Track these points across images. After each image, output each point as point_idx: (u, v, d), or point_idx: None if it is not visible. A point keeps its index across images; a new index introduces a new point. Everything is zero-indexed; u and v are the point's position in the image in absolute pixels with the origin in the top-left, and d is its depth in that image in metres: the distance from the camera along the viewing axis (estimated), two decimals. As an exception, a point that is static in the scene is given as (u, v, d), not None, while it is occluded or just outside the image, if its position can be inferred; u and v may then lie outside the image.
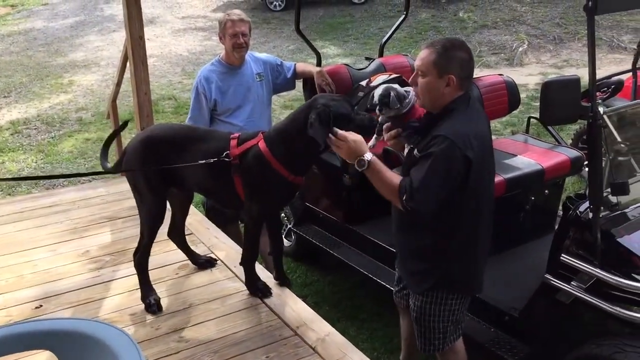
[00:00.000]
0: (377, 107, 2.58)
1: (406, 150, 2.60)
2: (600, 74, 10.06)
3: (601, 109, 2.78)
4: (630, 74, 5.35)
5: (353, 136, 2.42)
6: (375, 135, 2.75)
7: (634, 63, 5.20)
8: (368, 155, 2.39)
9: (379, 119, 2.70)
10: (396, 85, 2.60)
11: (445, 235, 2.50)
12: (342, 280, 4.52)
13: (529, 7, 12.83)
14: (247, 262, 3.15)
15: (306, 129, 2.56)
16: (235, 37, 3.81)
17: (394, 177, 2.39)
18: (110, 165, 3.28)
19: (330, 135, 2.48)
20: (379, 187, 2.42)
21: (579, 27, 11.87)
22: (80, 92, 9.82)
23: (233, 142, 2.87)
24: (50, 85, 10.26)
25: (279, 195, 2.86)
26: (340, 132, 2.46)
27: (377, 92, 2.58)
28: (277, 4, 15.36)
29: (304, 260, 4.80)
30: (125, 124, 3.32)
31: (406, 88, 2.62)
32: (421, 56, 2.42)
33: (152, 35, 13.68)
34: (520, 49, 11.05)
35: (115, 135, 3.37)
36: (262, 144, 2.78)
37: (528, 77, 9.79)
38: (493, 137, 3.44)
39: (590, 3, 2.48)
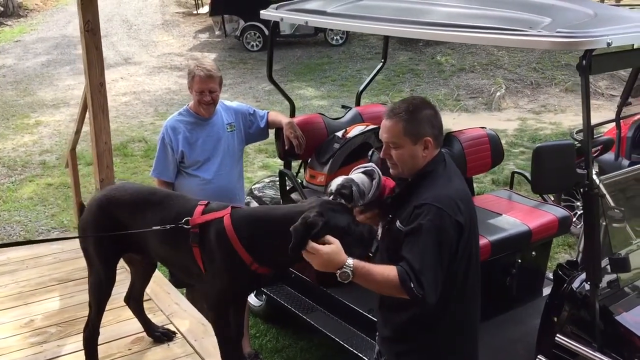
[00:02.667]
0: (332, 197, 2.28)
1: (380, 228, 2.34)
2: (579, 120, 10.00)
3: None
4: (613, 124, 5.24)
5: (327, 247, 2.06)
6: None
7: (618, 114, 5.08)
8: (349, 262, 2.04)
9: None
10: (359, 179, 2.31)
11: (435, 309, 2.20)
12: (316, 347, 4.19)
13: (505, 51, 12.87)
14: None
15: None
16: (201, 94, 3.54)
17: (386, 270, 2.07)
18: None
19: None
20: (375, 288, 2.11)
21: (556, 72, 11.92)
22: (47, 133, 9.46)
23: (199, 209, 2.58)
24: (15, 125, 9.88)
25: (237, 281, 2.51)
26: (311, 244, 2.08)
27: (336, 182, 2.30)
28: (254, 44, 15.27)
29: (275, 322, 4.46)
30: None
31: (368, 167, 2.35)
32: (387, 128, 2.21)
33: (126, 74, 13.44)
34: (498, 93, 11.01)
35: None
36: (227, 220, 2.47)
37: (507, 123, 9.69)
38: (476, 188, 3.19)
39: (584, 62, 2.27)
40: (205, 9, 18.12)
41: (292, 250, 2.10)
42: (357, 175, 2.36)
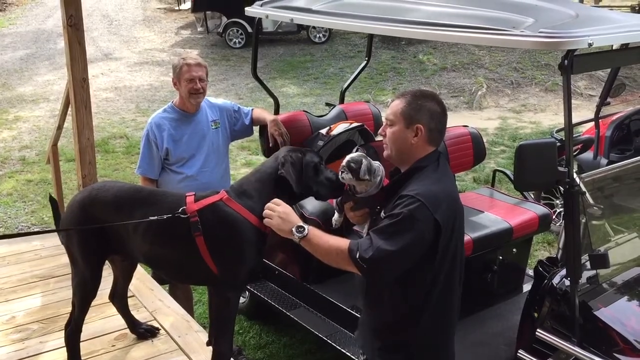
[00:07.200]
0: (341, 168, 2.33)
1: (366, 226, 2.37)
2: (558, 119, 10.06)
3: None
4: (592, 123, 5.32)
5: (283, 207, 2.31)
6: (337, 214, 2.50)
7: (597, 114, 5.16)
8: (303, 224, 2.22)
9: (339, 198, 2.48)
10: (370, 160, 2.37)
11: (416, 307, 2.24)
12: (299, 342, 4.21)
13: (486, 51, 12.99)
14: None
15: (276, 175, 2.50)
16: (192, 82, 3.53)
17: (341, 240, 2.19)
18: None
19: None
20: (323, 253, 2.19)
21: (536, 72, 12.07)
22: (26, 129, 9.34)
23: (190, 199, 2.56)
24: (-7, 121, 9.75)
25: (253, 248, 2.53)
26: (275, 199, 2.35)
27: (350, 155, 2.36)
28: (236, 40, 15.21)
29: (258, 319, 4.47)
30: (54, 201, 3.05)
31: (375, 163, 2.39)
32: (391, 105, 2.29)
33: (107, 69, 13.31)
34: (479, 92, 11.12)
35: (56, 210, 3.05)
36: (226, 198, 2.52)
37: (488, 122, 9.79)
38: (457, 186, 3.22)
39: (566, 62, 2.31)
40: (187, 5, 17.98)
41: (297, 186, 2.45)
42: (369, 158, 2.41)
